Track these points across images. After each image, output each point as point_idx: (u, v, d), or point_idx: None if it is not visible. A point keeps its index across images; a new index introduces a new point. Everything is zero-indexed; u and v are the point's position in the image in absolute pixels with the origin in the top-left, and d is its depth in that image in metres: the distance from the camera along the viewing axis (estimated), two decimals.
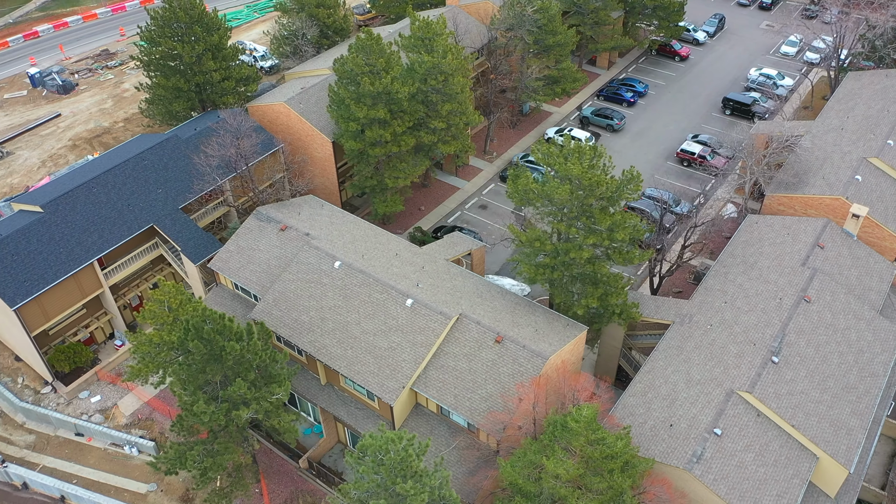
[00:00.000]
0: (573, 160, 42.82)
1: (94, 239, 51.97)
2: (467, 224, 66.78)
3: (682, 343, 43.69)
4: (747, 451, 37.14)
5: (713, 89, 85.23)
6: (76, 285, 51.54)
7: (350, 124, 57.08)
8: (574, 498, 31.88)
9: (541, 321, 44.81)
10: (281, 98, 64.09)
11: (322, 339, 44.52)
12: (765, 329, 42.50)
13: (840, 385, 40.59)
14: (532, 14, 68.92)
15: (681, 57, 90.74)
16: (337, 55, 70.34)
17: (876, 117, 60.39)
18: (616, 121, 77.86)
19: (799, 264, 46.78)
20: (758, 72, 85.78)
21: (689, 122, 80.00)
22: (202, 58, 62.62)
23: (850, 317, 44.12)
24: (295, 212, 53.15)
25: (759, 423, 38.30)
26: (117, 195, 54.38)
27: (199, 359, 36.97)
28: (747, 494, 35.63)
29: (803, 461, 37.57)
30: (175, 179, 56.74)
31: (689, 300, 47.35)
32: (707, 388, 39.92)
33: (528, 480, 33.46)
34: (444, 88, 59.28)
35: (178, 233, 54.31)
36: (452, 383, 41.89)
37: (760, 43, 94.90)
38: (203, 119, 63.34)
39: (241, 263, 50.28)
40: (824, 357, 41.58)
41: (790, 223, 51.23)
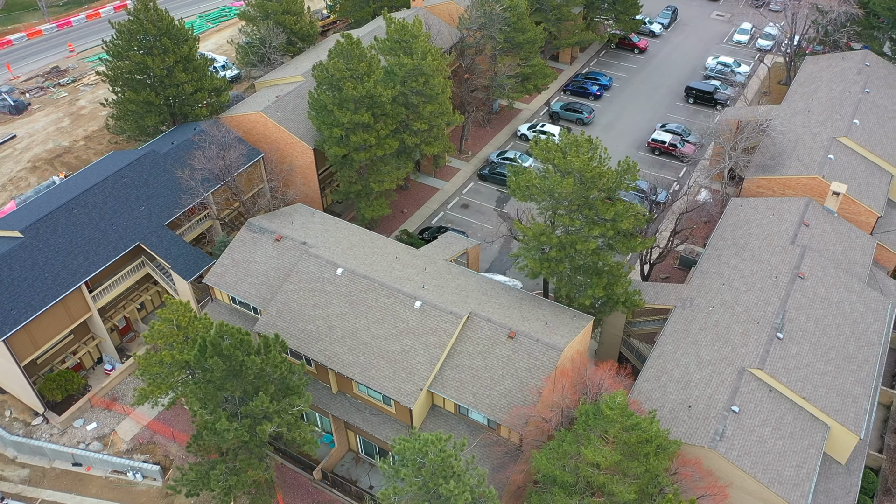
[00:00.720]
0: (572, 154, 43.42)
1: (79, 261, 50.26)
2: (451, 224, 66.96)
3: (687, 326, 44.79)
4: (764, 425, 38.35)
5: (674, 79, 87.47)
6: (64, 311, 49.76)
7: (334, 130, 56.60)
8: (613, 484, 32.41)
9: (548, 314, 45.31)
10: (256, 107, 63.11)
11: (332, 347, 44.07)
12: (765, 307, 43.92)
13: (841, 356, 42.27)
14: (501, 12, 69.52)
15: (640, 49, 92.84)
16: (307, 62, 70.02)
17: (839, 98, 62.96)
18: (585, 114, 79.17)
19: (788, 243, 48.49)
20: (715, 60, 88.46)
21: (654, 112, 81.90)
22: (173, 70, 61.16)
23: (842, 290, 45.98)
24: (287, 221, 52.43)
25: (771, 397, 39.59)
26: (99, 215, 52.70)
27: (219, 375, 36.18)
28: (770, 467, 36.79)
29: (817, 431, 39.00)
30: (157, 195, 55.31)
31: (687, 284, 48.58)
32: (719, 368, 41.04)
33: (565, 471, 33.84)
34: (424, 90, 59.31)
35: (166, 250, 52.96)
36: (470, 382, 42.01)
37: (713, 32, 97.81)
38: (178, 132, 61.91)
39: (238, 277, 49.35)
40: (824, 330, 43.23)
41: (774, 204, 53.04)
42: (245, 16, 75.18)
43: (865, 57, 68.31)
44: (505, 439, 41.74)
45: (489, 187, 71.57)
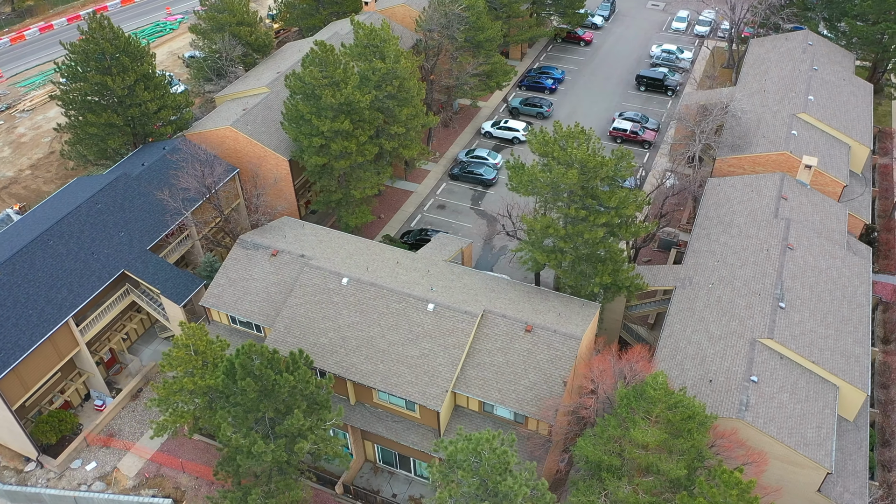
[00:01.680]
0: (570, 145, 44.16)
1: (63, 295, 47.84)
2: (431, 225, 66.95)
3: (691, 304, 46.25)
4: (782, 391, 40.03)
5: (622, 68, 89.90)
6: (52, 347, 47.27)
7: (313, 139, 55.71)
8: (662, 462, 33.22)
9: (558, 305, 45.96)
10: (224, 122, 61.47)
11: (348, 358, 43.45)
12: (763, 279, 45.81)
13: (838, 319, 44.53)
14: (460, 12, 69.89)
15: (585, 42, 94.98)
16: (268, 73, 68.73)
17: (790, 77, 66.16)
18: (545, 108, 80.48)
19: (772, 216, 50.71)
20: (659, 48, 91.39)
21: (609, 101, 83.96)
22: (134, 89, 58.90)
23: (828, 257, 48.42)
24: (279, 235, 51.33)
25: (784, 365, 41.36)
26: (77, 245, 50.29)
27: (252, 397, 35.17)
28: (794, 431, 38.45)
29: (828, 392, 40.98)
30: (136, 219, 53.20)
31: (683, 264, 50.15)
32: (731, 342, 42.58)
33: (612, 455, 34.47)
34: (399, 94, 59.13)
35: (153, 275, 51.01)
36: (493, 379, 42.20)
37: (652, 21, 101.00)
38: (144, 153, 59.74)
39: (237, 295, 48.01)
40: (819, 296, 45.44)
41: (750, 181, 55.34)
42: (196, 29, 73.01)
43: (807, 37, 71.96)
44: (533, 432, 42.12)
45: (462, 186, 71.85)
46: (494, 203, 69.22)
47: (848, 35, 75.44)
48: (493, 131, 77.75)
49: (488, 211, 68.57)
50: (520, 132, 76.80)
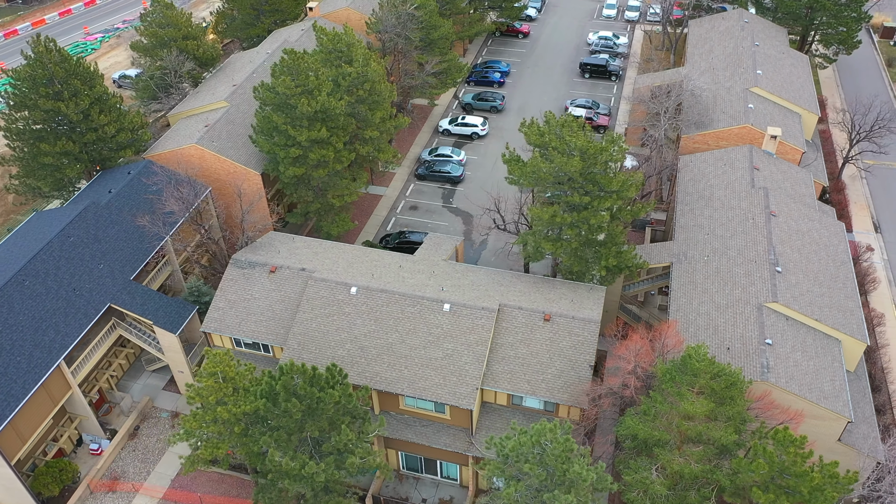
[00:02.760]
0: (566, 134, 44.87)
1: (51, 336, 44.90)
2: (407, 227, 66.53)
3: (691, 278, 47.87)
4: (794, 351, 42.04)
5: (563, 57, 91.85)
6: (46, 394, 44.33)
7: (290, 150, 54.36)
8: (711, 431, 34.31)
9: (567, 292, 46.65)
10: (188, 140, 59.06)
11: (371, 367, 42.73)
12: (755, 247, 47.90)
13: (828, 277, 47.11)
14: (413, 11, 69.68)
15: (523, 34, 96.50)
16: (221, 86, 66.49)
17: (735, 54, 69.32)
18: (498, 102, 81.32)
19: (749, 186, 53.06)
20: (596, 35, 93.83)
21: (556, 90, 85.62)
22: (89, 113, 55.78)
23: (807, 220, 51.11)
24: (272, 251, 49.85)
25: (790, 325, 43.42)
26: (56, 282, 47.28)
27: (298, 417, 34.09)
28: (812, 386, 40.46)
29: (833, 347, 43.32)
30: (114, 249, 50.47)
31: (674, 241, 51.80)
32: (738, 309, 44.34)
33: (662, 430, 35.34)
34: (370, 97, 58.47)
35: (142, 305, 48.57)
36: (520, 371, 42.45)
37: (583, 10, 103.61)
38: (106, 180, 56.69)
39: (240, 317, 46.34)
40: (807, 258, 47.92)
41: (720, 155, 57.70)
42: (137, 47, 69.77)
43: (742, 15, 75.56)
44: (564, 419, 42.57)
45: (430, 186, 71.70)
46: (466, 200, 69.44)
47: (775, 11, 79.60)
48: (452, 128, 77.93)
49: (462, 208, 68.71)
50: (478, 127, 77.32)
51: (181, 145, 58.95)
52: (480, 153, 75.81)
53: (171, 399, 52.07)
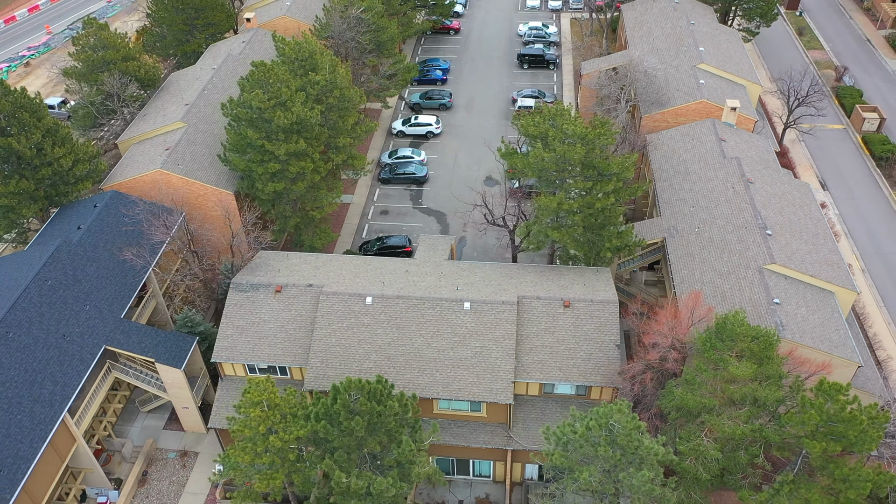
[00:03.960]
0: (560, 123, 45.63)
1: (49, 389, 41.74)
2: (382, 232, 65.75)
3: (687, 250, 49.71)
4: (799, 307, 44.47)
5: (498, 50, 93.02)
6: (53, 450, 41.17)
7: (268, 166, 52.62)
8: (758, 391, 35.86)
9: (575, 277, 47.48)
10: (150, 165, 56.05)
11: (401, 375, 42.08)
12: (741, 214, 50.26)
13: (810, 235, 50.04)
14: (360, 14, 68.76)
15: (454, 31, 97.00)
16: (175, 107, 63.52)
17: (674, 34, 72.29)
18: (446, 99, 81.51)
19: (721, 158, 55.58)
20: (526, 26, 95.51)
21: (499, 82, 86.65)
22: (42, 146, 52.03)
23: (778, 183, 54.09)
24: (271, 270, 48.15)
25: (790, 284, 45.87)
26: (43, 330, 43.93)
27: (362, 434, 33.21)
28: (822, 337, 42.92)
29: (830, 299, 46.10)
30: (97, 288, 47.37)
31: (661, 217, 53.59)
32: (740, 274, 46.43)
33: (709, 397, 36.62)
34: (340, 104, 57.38)
35: (139, 343, 45.90)
36: (550, 359, 42.90)
37: (507, 2, 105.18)
38: (70, 216, 53.06)
39: (252, 342, 44.54)
40: (788, 219, 50.73)
41: (686, 130, 60.11)
42: (72, 73, 65.49)
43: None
44: (596, 401, 43.43)
45: (395, 188, 71.12)
46: (434, 199, 69.32)
47: None
48: (406, 129, 77.50)
49: (433, 207, 68.52)
50: (433, 126, 77.26)
51: (143, 172, 55.91)
52: (438, 151, 75.78)
53: (175, 438, 49.48)
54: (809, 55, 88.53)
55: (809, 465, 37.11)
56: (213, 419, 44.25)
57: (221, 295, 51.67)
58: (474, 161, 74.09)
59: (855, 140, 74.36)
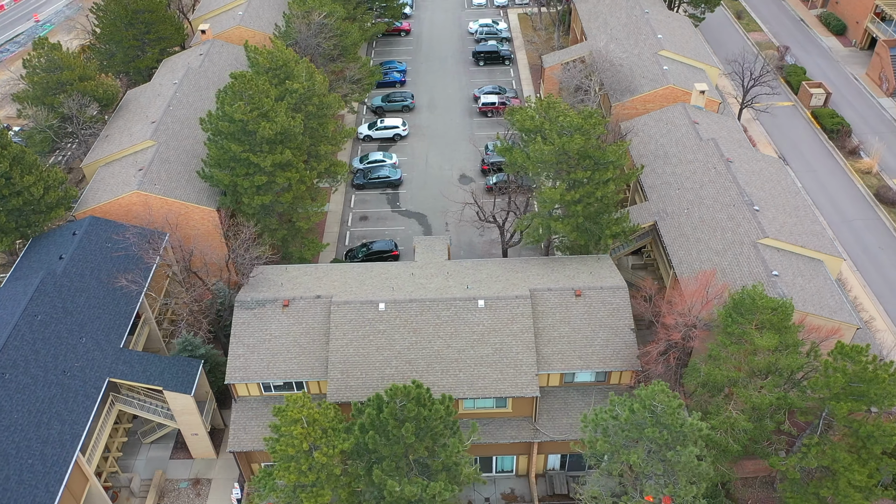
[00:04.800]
0: (554, 115, 46.19)
1: (57, 429, 39.66)
2: (364, 238, 65.06)
3: (680, 231, 51.06)
4: (796, 277, 46.32)
5: (451, 48, 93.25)
6: (69, 494, 39.10)
7: (255, 178, 51.36)
8: (782, 360, 37.21)
9: (578, 265, 48.16)
10: (125, 188, 53.91)
11: (425, 378, 41.69)
12: (727, 192, 51.94)
13: (791, 206, 52.20)
14: (322, 20, 67.78)
15: (405, 32, 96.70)
16: (140, 125, 61.23)
17: (630, 23, 74.08)
18: (409, 101, 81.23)
19: (697, 140, 57.32)
20: (477, 24, 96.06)
21: (457, 80, 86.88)
22: (11, 175, 49.30)
23: (754, 161, 56.19)
24: (274, 285, 46.99)
25: (784, 256, 47.71)
26: (41, 368, 41.69)
27: (411, 441, 32.83)
28: (821, 304, 44.80)
29: (820, 267, 48.19)
30: (91, 319, 45.26)
31: (648, 201, 54.86)
32: (736, 249, 47.98)
33: (736, 370, 37.78)
34: (319, 111, 56.47)
35: (144, 372, 44.09)
36: (568, 349, 43.38)
37: (453, 1, 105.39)
38: (46, 246, 50.51)
39: (265, 360, 43.36)
40: (770, 194, 52.76)
41: (658, 115, 61.72)
42: (24, 97, 62.19)
43: None
44: (616, 385, 44.19)
45: (371, 193, 70.43)
46: (413, 201, 69.04)
47: None
48: (373, 133, 76.83)
49: (412, 209, 68.21)
50: (399, 128, 76.88)
51: (118, 195, 53.70)
52: (407, 153, 75.47)
53: (184, 467, 47.73)
54: (750, 37, 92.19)
55: (829, 425, 38.77)
56: (231, 443, 42.87)
57: (216, 316, 50.13)
58: (445, 160, 74.13)
59: (805, 115, 77.89)
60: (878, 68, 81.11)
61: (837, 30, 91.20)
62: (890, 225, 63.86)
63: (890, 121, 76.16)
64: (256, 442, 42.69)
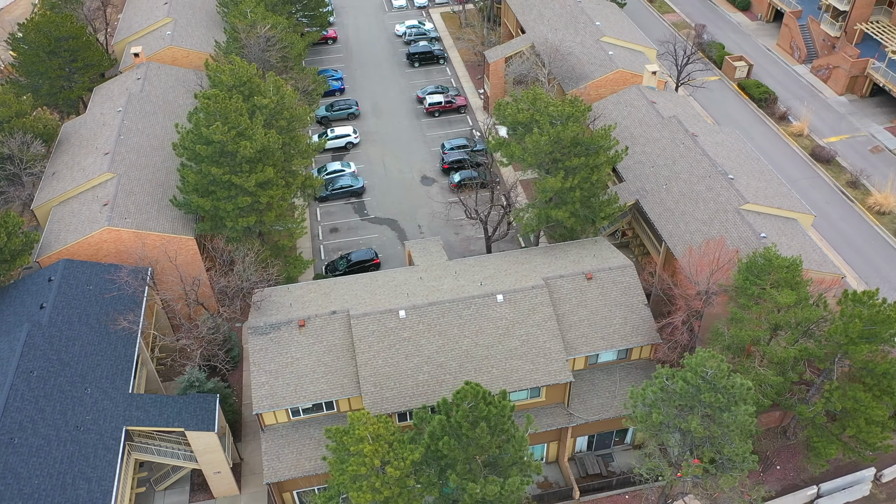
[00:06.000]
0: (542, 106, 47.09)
1: (83, 488, 36.98)
2: (341, 251, 63.89)
3: (664, 206, 53.10)
4: (780, 237, 49.16)
5: (383, 52, 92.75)
6: None
7: (238, 200, 49.54)
8: (801, 312, 39.53)
9: (578, 250, 49.33)
10: (94, 226, 50.61)
11: (459, 379, 41.54)
12: (699, 165, 54.45)
13: (757, 172, 55.33)
14: (267, 33, 65.93)
15: (332, 39, 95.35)
16: (92, 158, 57.69)
17: (566, 13, 76.06)
18: (354, 108, 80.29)
19: (659, 118, 59.75)
20: (404, 25, 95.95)
21: (396, 83, 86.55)
22: None
23: (715, 133, 59.15)
24: (282, 307, 45.51)
25: (764, 218, 50.50)
26: (51, 427, 38.69)
27: (487, 439, 32.77)
28: (808, 259, 47.68)
29: (797, 225, 51.34)
30: (91, 368, 42.39)
31: (625, 181, 56.71)
32: (722, 217, 50.38)
33: (759, 329, 39.82)
34: (290, 126, 54.97)
35: (161, 416, 41.72)
36: (590, 331, 44.38)
37: (371, 5, 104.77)
38: (19, 295, 46.81)
39: (292, 383, 41.94)
40: (737, 161, 55.69)
41: (616, 99, 63.83)
42: None
43: None
44: (637, 360, 45.58)
45: (335, 204, 69.20)
46: (379, 208, 68.40)
47: None
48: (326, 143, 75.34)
49: (382, 216, 67.53)
50: (351, 136, 75.92)
51: (87, 233, 50.38)
52: (364, 160, 74.62)
53: None
54: (665, 19, 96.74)
55: (841, 370, 41.57)
56: (266, 474, 41.15)
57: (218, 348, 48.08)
58: (403, 164, 73.81)
59: (732, 88, 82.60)
60: (788, 38, 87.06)
61: (742, 6, 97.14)
62: (830, 181, 68.84)
63: (807, 86, 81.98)
64: (293, 469, 41.30)
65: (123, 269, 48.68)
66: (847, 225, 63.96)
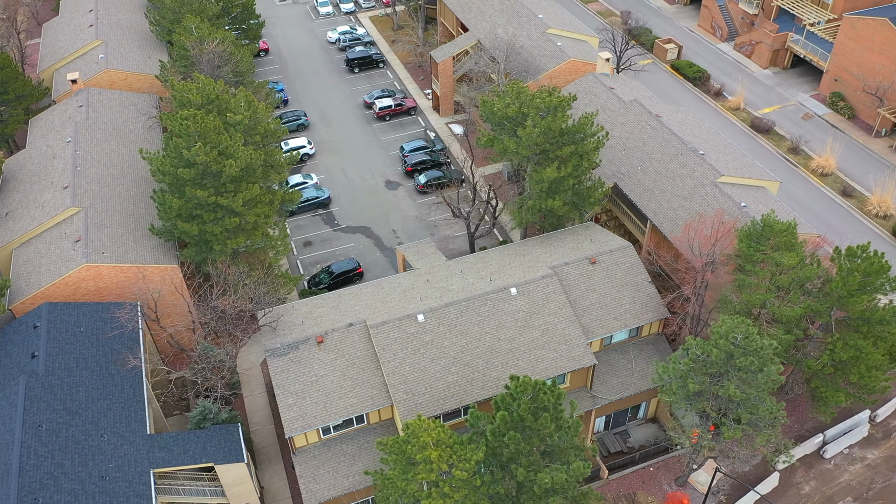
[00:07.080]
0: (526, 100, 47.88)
1: None
2: (319, 264, 62.68)
3: (642, 185, 54.90)
4: (756, 203, 51.82)
5: (319, 60, 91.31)
6: None
7: (226, 222, 47.93)
8: (802, 273, 41.89)
9: (573, 236, 50.46)
10: (68, 265, 47.71)
11: (488, 375, 41.88)
12: (669, 143, 56.59)
13: (721, 145, 58.01)
14: (215, 48, 63.78)
15: (265, 51, 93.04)
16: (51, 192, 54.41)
17: (506, 8, 77.23)
18: (304, 118, 78.79)
19: (621, 103, 61.68)
20: (336, 32, 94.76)
21: (339, 90, 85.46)
22: None
23: (675, 112, 61.62)
24: (294, 325, 44.31)
25: (739, 189, 53.14)
26: (74, 481, 36.29)
27: (550, 428, 33.16)
28: None
29: (767, 193, 54.26)
30: (102, 413, 40.03)
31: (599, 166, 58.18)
32: (700, 191, 52.60)
33: (765, 293, 41.94)
34: (265, 140, 53.51)
35: (187, 453, 39.86)
36: (602, 314, 45.48)
37: (295, 14, 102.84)
38: (6, 347, 43.61)
39: (321, 402, 40.94)
40: (700, 137, 58.16)
41: (574, 87, 65.31)
42: None
43: None
44: (647, 336, 47.08)
45: (302, 217, 67.74)
46: (349, 216, 67.52)
47: None
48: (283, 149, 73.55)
49: (353, 224, 66.67)
50: (307, 147, 74.51)
51: (63, 273, 47.43)
52: (323, 171, 73.39)
53: None
54: (590, 8, 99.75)
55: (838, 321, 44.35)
56: (306, 498, 40.03)
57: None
58: (363, 170, 73.08)
59: (666, 69, 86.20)
60: (708, 19, 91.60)
61: None
62: (772, 149, 73.07)
63: (734, 62, 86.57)
64: (332, 489, 40.41)
65: (113, 306, 46.13)
66: (796, 188, 68.08)
